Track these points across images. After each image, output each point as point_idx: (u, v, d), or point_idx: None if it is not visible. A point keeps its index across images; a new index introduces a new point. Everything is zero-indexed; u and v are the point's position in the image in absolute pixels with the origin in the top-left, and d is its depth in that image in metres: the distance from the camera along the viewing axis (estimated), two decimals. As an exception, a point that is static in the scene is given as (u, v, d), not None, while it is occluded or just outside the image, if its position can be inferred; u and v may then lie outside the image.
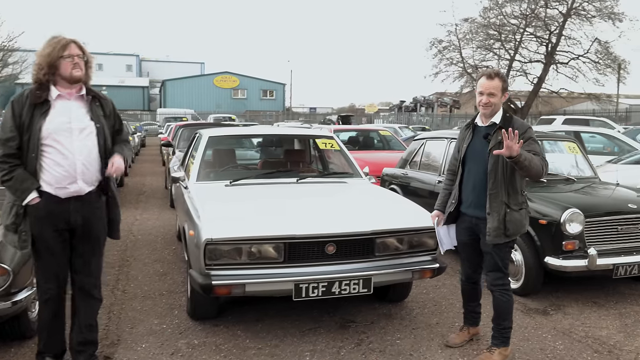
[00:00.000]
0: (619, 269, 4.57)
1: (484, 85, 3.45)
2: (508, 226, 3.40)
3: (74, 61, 3.06)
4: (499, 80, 3.44)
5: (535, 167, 3.27)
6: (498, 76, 3.45)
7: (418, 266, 3.95)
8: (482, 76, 3.49)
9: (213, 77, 63.09)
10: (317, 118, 53.01)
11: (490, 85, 3.43)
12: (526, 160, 3.20)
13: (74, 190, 3.11)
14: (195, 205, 4.14)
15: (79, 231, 3.20)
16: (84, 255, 3.25)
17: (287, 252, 3.66)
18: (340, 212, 4.11)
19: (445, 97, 44.98)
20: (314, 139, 6.13)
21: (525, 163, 3.20)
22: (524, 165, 3.22)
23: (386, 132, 12.03)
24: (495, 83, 3.43)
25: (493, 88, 3.43)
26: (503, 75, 3.52)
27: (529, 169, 3.26)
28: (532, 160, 3.25)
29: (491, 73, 3.47)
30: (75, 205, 3.13)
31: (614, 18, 30.83)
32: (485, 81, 3.45)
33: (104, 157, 3.20)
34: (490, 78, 3.44)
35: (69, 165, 3.08)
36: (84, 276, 3.28)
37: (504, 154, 3.16)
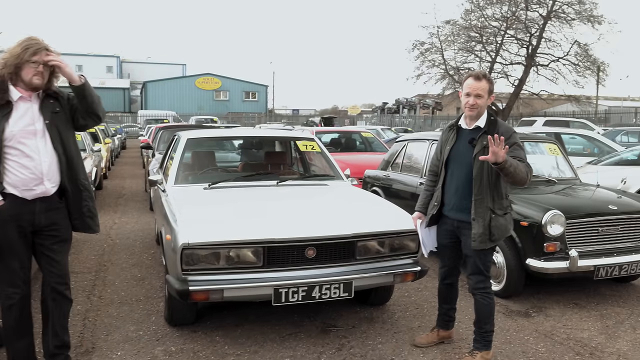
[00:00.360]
0: (600, 271, 4.57)
1: (472, 86, 3.38)
2: (493, 231, 3.37)
3: (38, 69, 3.01)
4: (486, 81, 3.39)
5: (520, 173, 3.23)
6: (485, 78, 3.40)
7: (399, 269, 3.90)
8: (469, 77, 3.42)
9: (195, 79, 62.73)
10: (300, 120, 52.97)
11: (477, 87, 3.37)
12: (511, 167, 3.16)
13: (40, 192, 3.06)
14: (172, 208, 4.05)
15: (46, 232, 3.14)
16: (53, 256, 3.18)
17: (266, 257, 3.59)
18: (321, 215, 4.05)
19: (428, 99, 45.22)
20: (294, 141, 6.06)
21: (510, 170, 3.16)
22: (509, 172, 3.18)
23: (368, 134, 12.00)
24: (483, 84, 3.37)
25: (480, 89, 3.37)
26: (490, 77, 3.47)
27: (514, 176, 3.21)
28: (518, 167, 3.21)
29: (479, 74, 3.41)
30: (40, 207, 3.08)
31: (593, 21, 31.22)
32: (472, 82, 3.38)
33: (64, 154, 3.13)
34: (478, 79, 3.37)
35: (35, 167, 3.02)
36: (55, 277, 3.22)
37: (490, 160, 3.11)
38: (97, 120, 3.26)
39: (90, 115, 3.21)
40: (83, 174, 3.27)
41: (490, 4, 33.09)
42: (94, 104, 3.18)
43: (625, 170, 7.44)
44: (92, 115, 3.21)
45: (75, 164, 3.20)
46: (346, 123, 45.76)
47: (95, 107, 3.19)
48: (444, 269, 3.78)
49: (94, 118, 3.23)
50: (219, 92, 62.72)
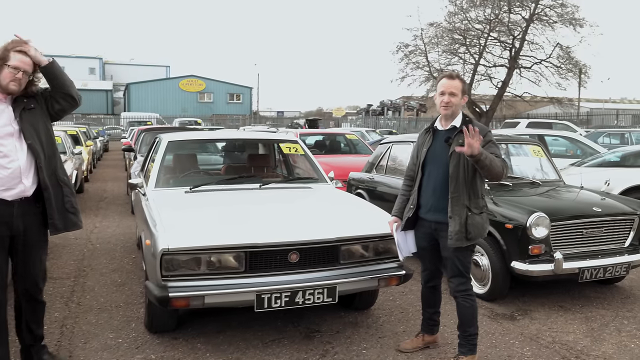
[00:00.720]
0: (585, 273, 4.56)
1: (445, 85, 3.44)
2: (469, 229, 3.36)
3: (17, 75, 3.03)
4: (459, 81, 3.46)
5: (496, 167, 3.25)
6: (459, 77, 3.48)
7: (384, 273, 3.85)
8: (443, 77, 3.50)
9: (179, 81, 62.32)
10: (285, 122, 52.87)
11: (451, 85, 3.43)
12: (487, 159, 3.19)
13: (19, 191, 3.08)
14: (152, 213, 3.96)
15: (21, 237, 3.16)
16: (29, 260, 3.21)
17: (248, 262, 3.52)
18: (304, 219, 3.98)
19: (412, 101, 45.40)
20: (278, 143, 5.99)
21: (486, 162, 3.19)
22: (485, 165, 3.20)
23: (353, 136, 11.97)
24: (456, 83, 3.43)
25: (454, 88, 3.42)
26: (463, 78, 3.56)
27: (489, 169, 3.24)
28: (493, 161, 3.23)
29: (452, 73, 3.50)
30: (18, 211, 3.09)
31: (574, 24, 31.53)
32: (446, 81, 3.45)
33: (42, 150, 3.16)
34: (451, 78, 3.45)
35: (13, 166, 3.04)
36: (30, 281, 3.26)
37: (465, 152, 3.14)
38: (72, 102, 3.25)
39: (64, 97, 3.21)
40: (62, 170, 3.30)
41: (473, 6, 33.29)
42: (66, 85, 3.19)
43: (608, 171, 7.47)
44: (66, 97, 3.21)
45: (54, 160, 3.23)
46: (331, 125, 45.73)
47: (67, 88, 3.20)
48: (425, 272, 3.75)
49: (68, 100, 3.22)
50: (203, 94, 62.38)
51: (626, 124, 33.81)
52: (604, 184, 5.72)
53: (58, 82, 3.17)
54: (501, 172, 3.30)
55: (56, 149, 3.31)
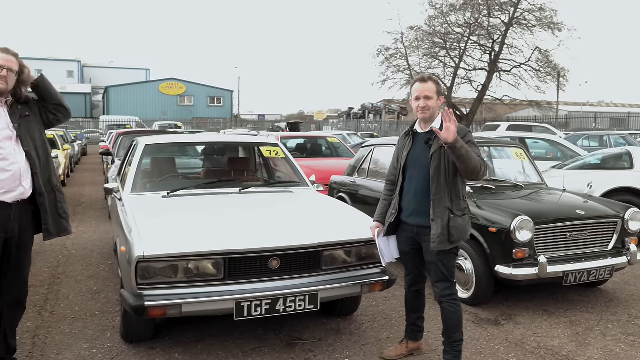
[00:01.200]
0: (569, 277, 4.52)
1: (419, 89, 3.39)
2: (452, 232, 3.29)
3: (1, 73, 3.08)
4: (432, 83, 3.40)
5: (474, 160, 3.20)
6: (431, 79, 3.43)
7: (367, 279, 3.76)
8: (416, 82, 3.45)
9: (159, 84, 61.78)
10: (266, 125, 52.68)
11: (425, 89, 3.37)
12: (463, 149, 3.14)
13: (19, 193, 3.15)
14: (127, 218, 3.82)
15: (16, 239, 3.21)
16: (20, 262, 3.27)
17: (227, 269, 3.40)
18: (285, 224, 3.88)
19: (393, 105, 45.57)
20: (258, 146, 5.88)
21: (462, 152, 3.13)
22: (461, 154, 3.14)
23: (334, 139, 11.89)
24: (430, 86, 3.38)
25: (428, 91, 3.37)
26: (436, 79, 3.49)
27: (466, 160, 3.17)
28: (469, 152, 3.18)
29: (424, 77, 3.44)
30: (15, 213, 3.15)
31: (553, 28, 31.91)
32: (419, 85, 3.40)
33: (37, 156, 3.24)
34: (424, 81, 3.40)
35: (14, 168, 3.11)
36: (18, 285, 3.32)
37: (442, 136, 3.10)
38: (65, 113, 3.40)
39: (57, 108, 3.36)
40: (55, 176, 3.39)
41: (453, 10, 33.51)
42: (57, 95, 3.36)
43: (589, 174, 7.48)
44: (59, 108, 3.36)
45: (47, 167, 3.32)
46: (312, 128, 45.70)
47: (59, 98, 3.36)
48: (409, 276, 3.67)
49: (61, 111, 3.38)
50: (184, 97, 61.90)
51: (604, 127, 34.25)
52: (587, 186, 5.70)
53: (49, 94, 3.32)
54: (479, 169, 3.25)
55: (50, 156, 3.37)
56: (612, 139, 17.95)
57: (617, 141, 17.59)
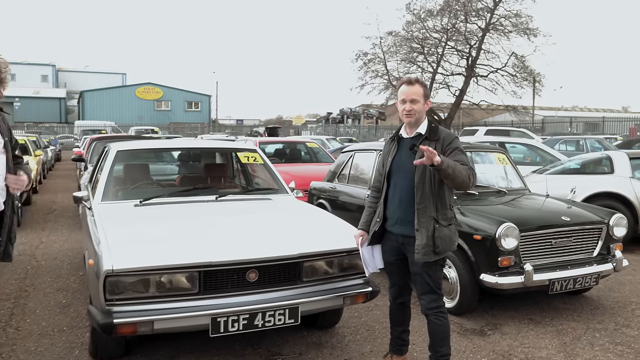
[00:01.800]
0: (555, 285, 4.42)
1: (405, 92, 3.23)
2: (437, 243, 3.14)
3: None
4: (419, 85, 3.25)
5: (461, 175, 3.05)
6: (418, 82, 3.27)
7: (350, 291, 3.60)
8: (402, 84, 3.29)
9: (135, 88, 60.98)
10: (244, 130, 52.31)
11: (411, 92, 3.22)
12: (449, 168, 2.98)
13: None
14: (97, 229, 3.61)
15: None
16: None
17: (203, 282, 3.22)
18: (263, 234, 3.70)
19: (371, 109, 45.67)
20: (235, 152, 5.70)
21: (448, 171, 2.98)
22: (448, 174, 2.99)
23: (313, 144, 11.74)
24: (416, 89, 3.23)
25: (414, 94, 3.21)
26: (423, 81, 3.34)
27: (453, 178, 3.03)
28: (456, 168, 3.02)
29: (410, 79, 3.28)
30: None
31: (529, 33, 32.32)
32: (405, 88, 3.24)
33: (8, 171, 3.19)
34: (410, 84, 3.24)
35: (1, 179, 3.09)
36: None
37: (426, 162, 2.93)
38: None
39: None
40: (18, 197, 3.28)
41: (430, 16, 33.75)
42: None
43: (570, 179, 7.44)
44: None
45: None
46: (291, 133, 45.50)
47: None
48: (394, 288, 3.51)
49: None
50: (160, 102, 61.18)
51: (578, 131, 34.67)
52: (570, 192, 5.63)
53: None
54: (467, 181, 3.10)
55: None
56: (589, 143, 18.15)
57: (593, 145, 17.80)
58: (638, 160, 7.80)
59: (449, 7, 32.93)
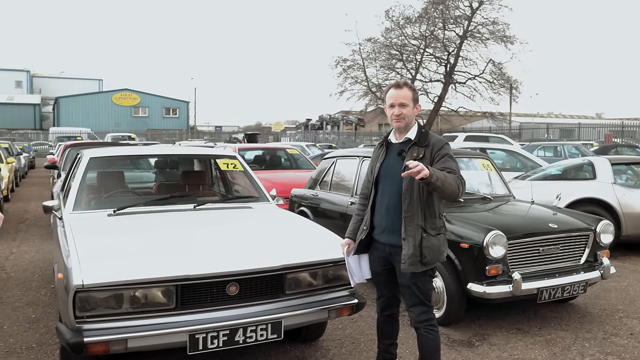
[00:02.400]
0: (544, 293, 4.32)
1: (394, 96, 3.11)
2: (424, 253, 3.00)
3: None
4: (408, 89, 3.12)
5: (450, 187, 2.90)
6: (407, 85, 3.14)
7: (335, 303, 3.45)
8: (391, 87, 3.16)
9: (112, 94, 60.17)
10: (223, 136, 51.90)
11: (400, 95, 3.09)
12: (439, 181, 2.82)
13: None
14: (66, 240, 3.42)
15: None
16: None
17: (180, 296, 3.04)
18: (244, 244, 3.53)
19: (351, 116, 45.70)
20: (214, 159, 5.52)
21: (437, 184, 2.82)
22: (437, 186, 2.84)
23: (294, 151, 11.58)
24: (405, 92, 3.10)
25: (403, 98, 3.09)
26: (412, 85, 3.21)
27: (442, 190, 2.88)
28: (446, 180, 2.87)
29: (399, 82, 3.16)
30: None
31: (506, 41, 32.71)
32: (394, 91, 3.11)
33: None
34: (399, 87, 3.12)
35: None
36: None
37: (412, 175, 2.76)
38: None
39: None
40: None
41: (409, 23, 33.97)
42: None
43: (553, 185, 7.40)
44: None
45: None
46: (270, 139, 45.24)
47: None
48: (381, 299, 3.37)
49: None
50: (138, 108, 60.44)
51: (554, 138, 35.09)
52: (556, 198, 5.56)
53: None
54: (456, 191, 2.95)
55: None
56: (567, 149, 18.32)
57: (571, 151, 17.97)
58: (619, 166, 7.81)
59: (427, 14, 33.20)
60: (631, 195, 7.13)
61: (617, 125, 32.08)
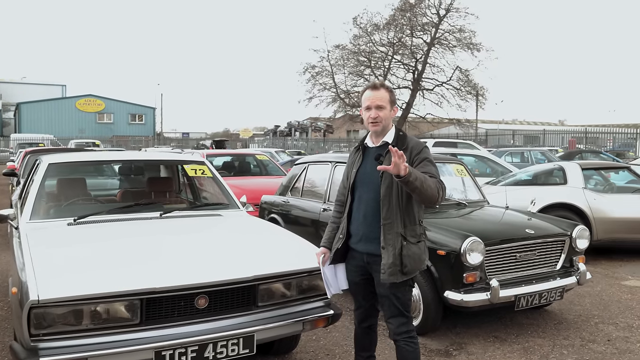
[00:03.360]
0: (521, 300, 4.24)
1: (370, 97, 2.97)
2: (405, 262, 2.87)
3: None
4: (385, 90, 2.98)
5: (429, 189, 2.75)
6: (384, 87, 3.01)
7: (310, 315, 3.30)
8: (367, 89, 3.02)
9: (76, 100, 58.89)
10: (190, 143, 51.29)
11: (376, 97, 2.96)
12: (417, 181, 2.67)
13: None
14: (21, 252, 3.18)
15: None
16: None
17: (145, 311, 2.85)
18: (213, 254, 3.35)
19: (319, 122, 45.73)
20: (182, 165, 5.31)
21: (416, 183, 2.67)
22: (416, 187, 2.69)
23: (263, 157, 11.40)
24: (382, 94, 2.96)
25: (380, 100, 2.95)
26: (389, 86, 3.07)
27: (421, 191, 2.72)
28: (425, 182, 2.72)
29: (375, 83, 3.02)
30: None
31: (472, 48, 33.19)
32: (370, 93, 2.97)
33: None
34: (376, 89, 2.98)
35: None
36: None
37: (391, 171, 2.63)
38: None
39: None
40: None
41: (377, 29, 34.19)
42: None
43: (525, 190, 7.40)
44: None
45: None
46: (238, 146, 44.87)
47: None
48: (359, 310, 3.22)
49: None
50: (103, 115, 59.29)
51: (519, 144, 35.67)
52: (530, 203, 5.51)
53: None
54: (436, 196, 2.81)
55: None
56: (533, 154, 18.60)
57: (537, 157, 18.26)
58: (589, 171, 7.86)
59: (395, 21, 33.48)
60: (601, 200, 7.17)
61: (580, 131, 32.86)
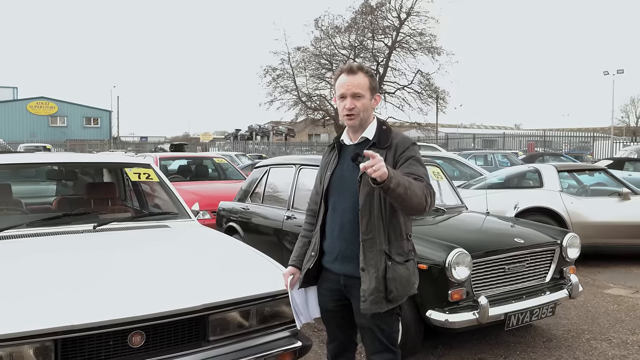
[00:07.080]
0: (512, 319, 3.76)
1: (345, 84, 2.37)
2: (390, 286, 2.31)
3: None
4: (363, 75, 2.38)
5: (415, 197, 2.16)
6: (362, 70, 2.40)
7: (274, 348, 2.71)
8: (341, 73, 2.41)
9: (27, 103, 56.65)
10: (148, 147, 49.94)
11: (352, 83, 2.35)
12: (400, 187, 2.09)
13: None
14: None
15: None
16: None
17: (61, 355, 2.22)
18: (153, 278, 2.73)
19: (281, 126, 45.24)
20: (124, 168, 4.66)
21: (399, 191, 2.09)
22: (399, 194, 2.10)
23: (222, 160, 10.74)
24: (360, 79, 2.36)
25: (357, 86, 2.35)
26: (369, 70, 2.46)
27: (405, 200, 2.14)
28: (410, 187, 2.14)
29: (352, 66, 2.40)
30: None
31: (433, 52, 33.31)
32: (345, 78, 2.37)
33: None
34: (352, 72, 2.37)
35: None
36: None
37: (369, 173, 2.02)
38: None
39: None
40: None
41: (338, 32, 34.01)
42: None
43: (500, 194, 7.01)
44: None
45: None
46: (198, 150, 43.83)
47: None
48: (333, 343, 2.62)
49: None
50: (56, 118, 57.21)
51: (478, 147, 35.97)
52: (513, 208, 5.08)
53: None
54: (423, 203, 2.21)
55: None
56: (496, 157, 18.58)
57: (500, 160, 18.26)
58: (563, 173, 7.53)
59: (356, 24, 33.33)
60: (578, 204, 6.83)
61: (538, 135, 33.36)
